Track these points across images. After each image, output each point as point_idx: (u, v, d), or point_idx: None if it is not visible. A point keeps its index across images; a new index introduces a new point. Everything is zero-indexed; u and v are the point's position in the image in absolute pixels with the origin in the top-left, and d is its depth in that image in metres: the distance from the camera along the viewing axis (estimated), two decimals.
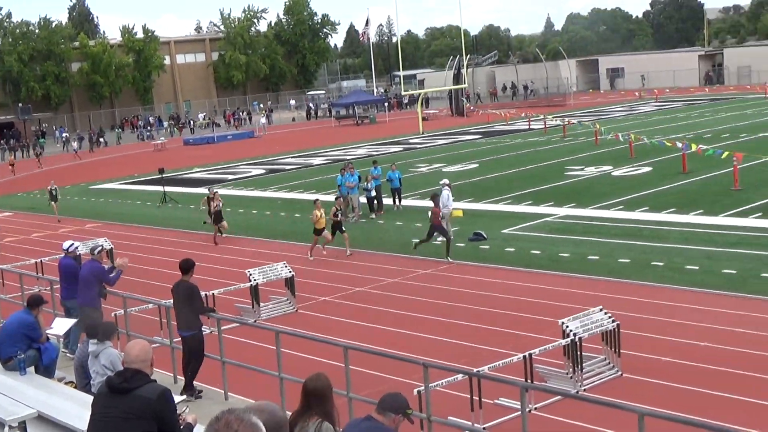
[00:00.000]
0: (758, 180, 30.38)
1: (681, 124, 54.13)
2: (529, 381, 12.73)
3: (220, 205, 28.32)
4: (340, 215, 25.06)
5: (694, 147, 35.02)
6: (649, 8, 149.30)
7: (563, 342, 13.35)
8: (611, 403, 10.98)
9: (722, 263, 20.12)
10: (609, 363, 14.00)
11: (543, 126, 57.93)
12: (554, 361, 13.85)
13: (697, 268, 19.90)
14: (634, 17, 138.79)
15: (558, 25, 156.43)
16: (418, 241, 23.62)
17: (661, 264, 20.42)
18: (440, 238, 23.22)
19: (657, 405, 12.24)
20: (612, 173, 35.47)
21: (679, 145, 35.32)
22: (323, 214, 24.23)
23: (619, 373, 13.85)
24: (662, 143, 37.81)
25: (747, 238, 22.33)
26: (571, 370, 13.37)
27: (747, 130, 47.13)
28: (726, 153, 31.80)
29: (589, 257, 21.49)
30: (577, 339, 13.23)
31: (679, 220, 25.21)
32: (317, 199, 25.16)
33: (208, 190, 29.88)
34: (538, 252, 22.81)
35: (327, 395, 6.75)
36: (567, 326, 13.39)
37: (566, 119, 57.97)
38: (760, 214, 24.94)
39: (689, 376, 13.63)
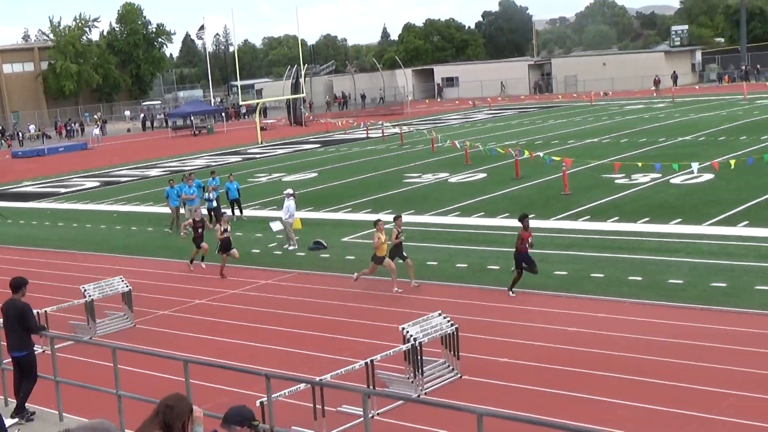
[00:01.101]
0: (586, 184, 31.67)
1: (514, 132, 55.87)
2: (371, 387, 12.82)
3: (228, 229, 23.10)
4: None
5: (526, 153, 36.21)
6: (480, 19, 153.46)
7: (404, 347, 13.52)
8: (451, 405, 11.17)
9: (555, 265, 20.84)
10: (449, 366, 14.27)
11: (381, 134, 58.63)
12: (396, 367, 14.01)
13: (566, 273, 20.54)
14: (467, 28, 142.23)
15: (394, 35, 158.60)
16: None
17: (497, 268, 20.98)
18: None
19: (495, 405, 12.55)
20: (449, 180, 36.23)
21: (512, 151, 36.44)
22: (386, 239, 19.91)
23: (459, 375, 14.13)
24: (494, 151, 38.90)
25: (577, 241, 23.23)
26: (412, 374, 13.55)
27: (575, 137, 49.10)
28: (556, 159, 32.98)
29: (428, 263, 21.86)
30: (417, 344, 13.43)
31: (512, 225, 25.91)
32: (379, 220, 20.46)
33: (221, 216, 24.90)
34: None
35: (182, 414, 6.51)
36: (407, 331, 13.57)
37: (403, 127, 58.91)
38: (588, 216, 26.00)
39: (526, 376, 14.04)
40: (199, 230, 23.83)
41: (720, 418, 11.94)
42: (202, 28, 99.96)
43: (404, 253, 20.13)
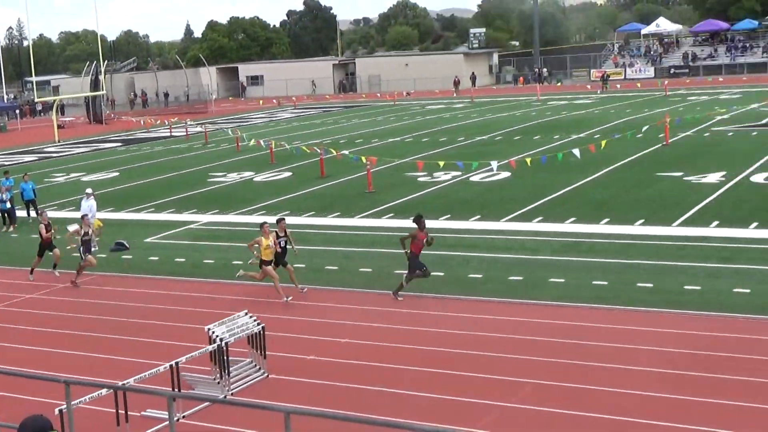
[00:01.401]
0: (389, 182, 32.28)
1: (319, 130, 56.22)
2: (176, 390, 12.61)
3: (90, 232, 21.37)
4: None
5: (332, 152, 36.52)
6: (285, 18, 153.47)
7: (210, 348, 13.37)
8: (257, 405, 11.15)
9: (360, 262, 21.16)
10: (255, 365, 14.22)
11: (185, 133, 57.64)
12: (202, 368, 13.83)
13: (336, 268, 20.77)
14: (271, 26, 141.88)
15: (198, 33, 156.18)
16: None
17: (303, 266, 21.06)
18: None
19: (303, 403, 12.60)
20: (254, 179, 36.05)
21: (318, 150, 36.67)
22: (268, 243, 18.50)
23: (266, 374, 14.11)
24: (299, 150, 39.02)
25: (382, 238, 23.65)
26: (218, 375, 13.42)
27: (378, 136, 49.95)
28: (362, 158, 33.42)
29: (234, 262, 21.67)
30: (223, 344, 13.31)
31: (318, 223, 26.18)
32: (264, 223, 19.29)
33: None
34: (182, 259, 22.67)
35: None
36: (213, 332, 13.43)
37: (208, 126, 58.13)
38: (392, 214, 26.52)
39: (333, 373, 14.18)
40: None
41: (519, 406, 12.46)
42: None
43: (286, 259, 18.95)
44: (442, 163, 31.53)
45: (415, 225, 18.37)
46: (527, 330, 15.69)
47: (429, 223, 24.76)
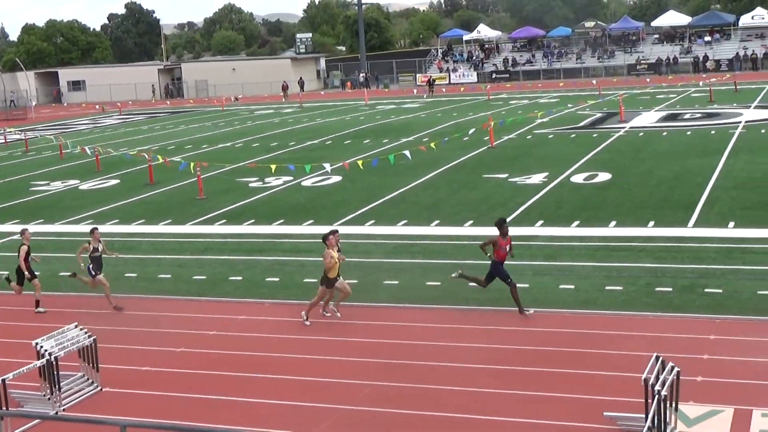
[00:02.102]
0: (221, 188, 31.93)
1: (146, 137, 54.96)
2: (4, 408, 12.06)
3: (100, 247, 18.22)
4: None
5: (160, 158, 35.78)
6: (107, 21, 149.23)
7: (38, 363, 12.86)
8: (91, 419, 10.80)
9: (193, 270, 20.83)
10: (88, 379, 13.78)
11: (3, 140, 55.14)
12: (31, 384, 13.29)
13: (169, 276, 20.37)
14: (92, 30, 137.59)
15: (13, 36, 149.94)
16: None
17: (134, 275, 20.56)
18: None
19: (139, 415, 12.31)
20: (79, 187, 34.90)
21: (146, 156, 35.86)
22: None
23: (99, 388, 13.69)
24: (128, 155, 38.05)
25: (214, 245, 23.36)
26: (48, 391, 12.93)
27: (207, 141, 49.31)
28: (192, 164, 32.88)
29: (62, 273, 20.92)
30: (52, 358, 12.83)
31: (149, 231, 25.60)
32: (335, 232, 17.02)
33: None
34: (5, 272, 21.69)
35: None
36: (41, 346, 12.93)
37: (28, 133, 55.85)
38: (224, 220, 26.24)
39: (169, 383, 13.91)
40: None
41: (358, 408, 12.58)
42: None
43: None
44: (274, 167, 31.47)
45: (497, 230, 16.44)
46: (364, 333, 15.86)
47: (259, 229, 24.85)
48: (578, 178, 29.73)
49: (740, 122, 41.89)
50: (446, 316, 16.48)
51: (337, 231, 17.26)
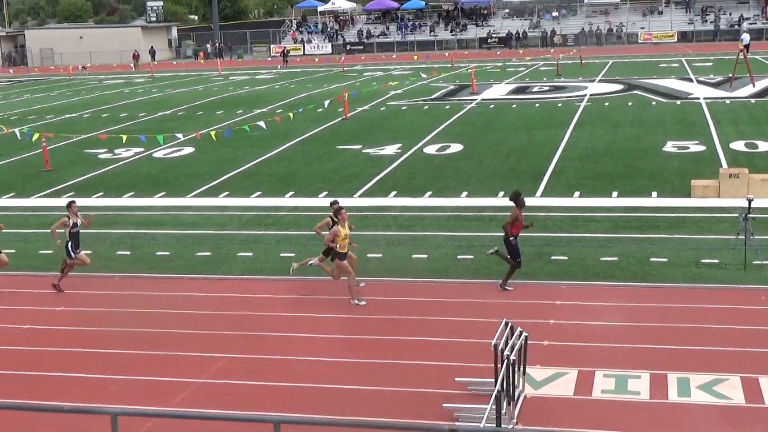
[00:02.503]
0: (68, 160, 30.93)
1: None
2: None
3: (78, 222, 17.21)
4: None
5: (5, 129, 34.32)
6: None
7: None
8: None
9: (38, 245, 20.15)
10: None
11: None
12: None
13: (13, 251, 19.61)
14: None
15: None
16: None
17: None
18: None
19: None
20: None
21: None
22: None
23: None
24: None
25: (61, 218, 22.58)
26: None
27: (53, 111, 47.59)
28: (36, 134, 31.65)
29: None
30: None
31: None
32: (338, 206, 15.69)
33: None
34: None
35: None
36: None
37: None
38: (72, 193, 25.40)
39: (16, 362, 13.46)
40: None
41: (212, 381, 12.48)
42: None
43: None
44: (125, 138, 30.65)
45: (513, 203, 15.87)
46: (219, 305, 15.71)
47: (108, 201, 24.23)
48: (431, 149, 30.16)
49: (585, 95, 43.34)
50: (300, 286, 16.48)
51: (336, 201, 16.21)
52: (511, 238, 15.67)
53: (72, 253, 16.94)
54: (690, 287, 15.43)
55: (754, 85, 43.30)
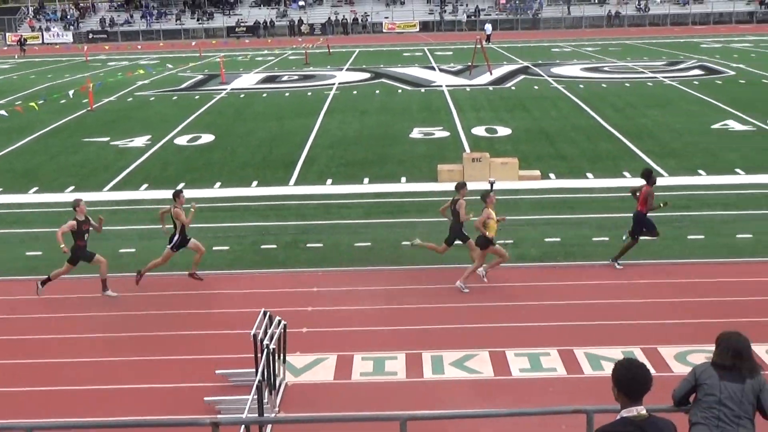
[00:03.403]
0: None
1: None
2: None
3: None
4: None
5: None
6: None
7: None
8: None
9: None
10: None
11: None
12: None
13: None
14: None
15: None
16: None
17: None
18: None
19: None
20: None
21: None
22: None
23: None
24: None
25: None
26: None
27: None
28: None
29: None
30: None
31: None
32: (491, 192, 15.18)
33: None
34: None
35: None
36: None
37: None
38: None
39: None
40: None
41: None
42: None
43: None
44: None
45: (644, 181, 15.62)
46: None
47: None
48: (182, 140, 29.65)
49: (334, 84, 44.06)
50: (58, 287, 15.75)
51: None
52: (642, 214, 15.57)
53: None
54: (440, 268, 16.07)
55: (491, 74, 45.65)
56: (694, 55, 54.36)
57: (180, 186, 21.46)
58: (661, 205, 15.60)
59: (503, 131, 29.71)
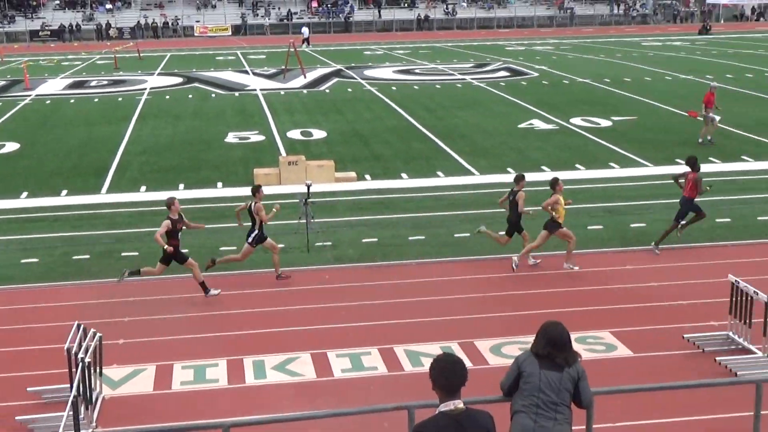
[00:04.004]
0: None
1: None
2: None
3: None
4: None
5: None
6: None
7: None
8: None
9: None
10: None
11: None
12: None
13: None
14: None
15: None
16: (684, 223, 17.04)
17: None
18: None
19: None
20: None
21: None
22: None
23: None
24: None
25: None
26: None
27: None
28: None
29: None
30: None
31: None
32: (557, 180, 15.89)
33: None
34: None
35: None
36: None
37: None
38: None
39: None
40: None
41: None
42: None
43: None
44: None
45: (689, 168, 16.65)
46: None
47: None
48: None
49: (145, 89, 43.05)
50: None
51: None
52: (690, 199, 16.62)
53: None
54: (257, 273, 16.00)
55: (305, 77, 45.80)
56: (500, 57, 56.33)
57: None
58: (708, 189, 16.67)
59: (319, 134, 29.88)
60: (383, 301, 14.43)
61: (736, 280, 12.03)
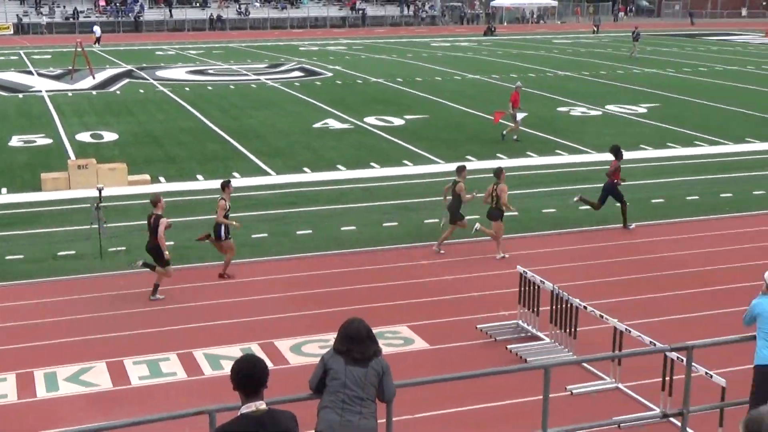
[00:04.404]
0: None
1: None
2: None
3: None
4: None
5: None
6: None
7: None
8: None
9: None
10: None
11: None
12: None
13: None
14: None
15: None
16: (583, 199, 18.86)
17: None
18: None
19: None
20: None
21: None
22: None
23: None
24: None
25: None
26: None
27: None
28: None
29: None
30: None
31: None
32: None
33: None
34: None
35: None
36: None
37: None
38: None
39: None
40: None
41: None
42: None
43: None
44: None
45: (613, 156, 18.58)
46: None
47: None
48: None
49: None
50: None
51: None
52: (615, 182, 18.25)
53: (223, 235, 15.39)
54: (48, 281, 15.40)
55: (94, 77, 44.31)
56: (294, 57, 56.46)
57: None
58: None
59: (110, 136, 28.99)
60: (181, 305, 14.20)
61: (524, 271, 12.64)
